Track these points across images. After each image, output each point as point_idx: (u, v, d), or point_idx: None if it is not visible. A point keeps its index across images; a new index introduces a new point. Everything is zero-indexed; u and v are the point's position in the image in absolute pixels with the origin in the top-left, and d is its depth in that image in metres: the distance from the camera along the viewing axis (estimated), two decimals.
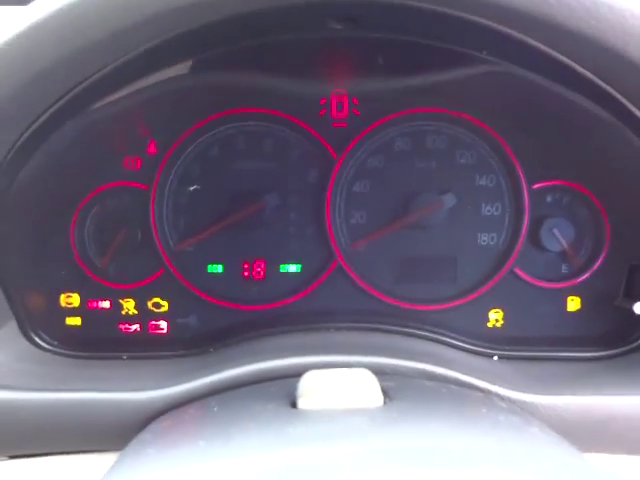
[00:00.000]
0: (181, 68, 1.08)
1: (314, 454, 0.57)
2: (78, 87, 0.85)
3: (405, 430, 0.68)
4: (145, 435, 0.84)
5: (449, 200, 1.29)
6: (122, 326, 1.33)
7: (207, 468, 0.61)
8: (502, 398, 0.98)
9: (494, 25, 0.79)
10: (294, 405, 0.80)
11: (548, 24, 0.76)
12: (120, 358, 1.23)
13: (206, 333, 1.32)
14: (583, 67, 0.85)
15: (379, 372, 0.99)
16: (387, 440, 0.62)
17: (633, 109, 0.89)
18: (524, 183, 1.30)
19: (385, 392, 0.82)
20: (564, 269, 1.33)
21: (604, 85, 0.87)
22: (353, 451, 0.54)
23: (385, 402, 0.79)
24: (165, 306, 1.33)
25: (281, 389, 0.88)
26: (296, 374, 0.87)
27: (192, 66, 1.09)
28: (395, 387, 0.85)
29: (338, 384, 0.81)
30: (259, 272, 1.34)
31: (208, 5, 0.75)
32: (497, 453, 0.52)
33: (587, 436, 1.00)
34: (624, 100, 0.88)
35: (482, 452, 0.53)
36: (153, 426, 0.89)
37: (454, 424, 0.73)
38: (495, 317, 1.34)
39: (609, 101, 0.90)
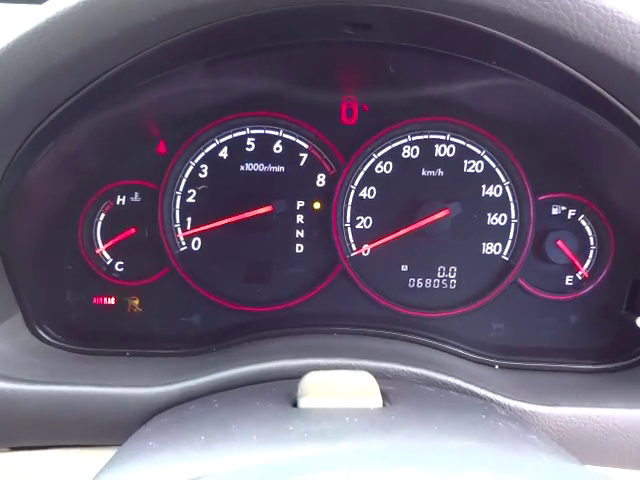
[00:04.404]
0: (193, 69, 1.09)
1: (311, 451, 0.58)
2: (91, 84, 0.86)
3: (402, 432, 0.69)
4: (146, 429, 0.85)
5: (455, 209, 1.29)
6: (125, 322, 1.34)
7: (206, 462, 0.61)
8: (502, 406, 0.99)
9: (504, 36, 0.80)
10: (295, 404, 0.81)
11: (559, 37, 0.77)
12: (123, 354, 1.24)
13: (209, 332, 1.33)
14: (592, 81, 0.85)
15: (380, 376, 1.00)
16: (384, 440, 0.63)
17: None
18: (530, 194, 1.30)
19: (385, 395, 0.82)
20: (568, 281, 1.33)
21: (613, 99, 0.88)
22: (349, 449, 0.54)
23: (384, 405, 0.80)
24: None
25: (282, 389, 0.89)
26: (298, 376, 0.88)
27: (204, 68, 1.11)
28: (395, 391, 0.86)
29: (339, 385, 0.82)
30: (264, 274, 1.35)
31: (221, 6, 0.77)
32: (493, 456, 0.53)
33: (586, 448, 1.00)
34: (632, 115, 0.89)
35: (477, 455, 0.53)
36: (154, 421, 0.90)
37: (451, 428, 0.74)
38: (497, 326, 1.34)
39: (617, 115, 0.91)
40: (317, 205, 1.34)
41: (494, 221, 1.33)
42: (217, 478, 0.49)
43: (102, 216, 1.32)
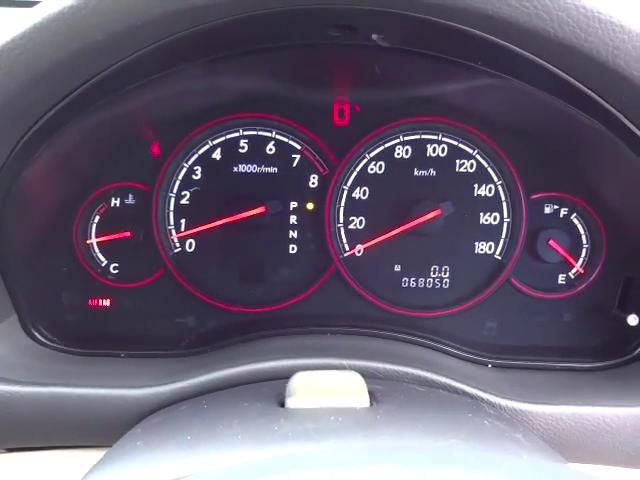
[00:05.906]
0: (185, 71, 1.10)
1: (294, 450, 0.58)
2: (81, 87, 0.87)
3: (386, 431, 0.69)
4: (136, 430, 0.86)
5: (447, 208, 1.30)
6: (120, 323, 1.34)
7: (190, 462, 0.62)
8: (493, 405, 0.99)
9: (488, 37, 0.81)
10: (283, 405, 0.81)
11: (540, 37, 0.77)
12: (118, 356, 1.25)
13: (203, 333, 1.33)
14: (577, 80, 0.86)
15: (372, 376, 1.01)
16: (367, 439, 0.63)
17: (627, 123, 0.90)
18: (522, 194, 1.30)
19: (372, 394, 0.83)
20: (560, 280, 1.33)
21: (598, 99, 0.88)
22: (326, 448, 0.55)
23: (372, 404, 0.80)
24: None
25: (271, 389, 0.89)
26: (288, 376, 0.88)
27: (196, 70, 1.11)
28: (383, 390, 0.86)
29: (326, 385, 0.82)
30: (258, 275, 1.35)
31: (205, 10, 0.77)
32: (469, 454, 0.53)
33: (578, 446, 1.01)
34: (618, 114, 0.89)
35: (453, 453, 0.53)
36: (145, 422, 0.91)
37: (436, 426, 0.74)
38: (490, 325, 1.34)
39: (604, 114, 0.91)
40: (310, 206, 1.34)
41: (486, 220, 1.33)
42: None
43: (97, 218, 1.32)
